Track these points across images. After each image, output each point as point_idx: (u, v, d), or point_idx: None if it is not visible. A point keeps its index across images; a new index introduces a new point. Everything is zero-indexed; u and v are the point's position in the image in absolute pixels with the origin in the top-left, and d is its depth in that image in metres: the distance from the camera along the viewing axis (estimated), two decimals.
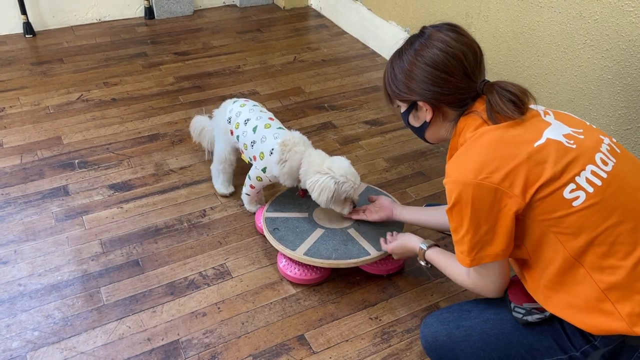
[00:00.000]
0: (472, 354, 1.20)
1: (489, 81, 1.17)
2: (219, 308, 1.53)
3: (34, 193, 1.92)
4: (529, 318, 1.14)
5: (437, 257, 1.33)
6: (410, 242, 1.43)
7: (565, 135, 1.08)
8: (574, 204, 1.02)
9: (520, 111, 1.10)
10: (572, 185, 1.03)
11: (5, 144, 2.18)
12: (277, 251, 1.65)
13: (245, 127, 1.71)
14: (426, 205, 1.83)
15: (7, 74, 2.67)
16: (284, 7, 3.56)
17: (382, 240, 1.55)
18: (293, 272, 1.59)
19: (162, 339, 1.44)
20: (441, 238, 1.75)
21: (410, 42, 1.23)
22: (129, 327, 1.47)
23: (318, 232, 1.63)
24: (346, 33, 3.24)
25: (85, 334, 1.44)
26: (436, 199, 1.94)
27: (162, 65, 2.81)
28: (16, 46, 2.95)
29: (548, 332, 1.14)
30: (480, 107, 1.16)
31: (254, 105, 1.80)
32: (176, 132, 2.28)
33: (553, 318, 1.13)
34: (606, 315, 1.02)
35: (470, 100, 1.18)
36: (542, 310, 1.13)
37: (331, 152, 2.18)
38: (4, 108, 2.41)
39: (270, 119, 1.74)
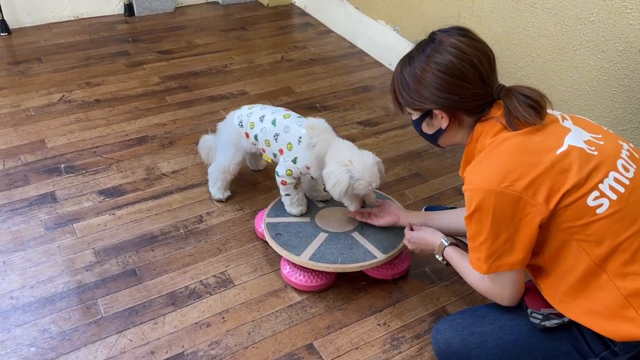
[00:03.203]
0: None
1: (505, 86, 1.16)
2: (223, 318, 1.49)
3: (19, 200, 1.84)
4: (547, 323, 1.14)
5: (456, 256, 1.32)
6: (433, 236, 1.41)
7: (586, 142, 1.08)
8: (598, 211, 1.02)
9: (539, 116, 1.09)
10: (595, 193, 1.02)
11: None
12: (280, 257, 1.62)
13: (262, 124, 1.64)
14: (425, 208, 1.83)
15: None
16: (267, 5, 3.51)
17: (407, 226, 1.51)
18: (298, 278, 1.55)
19: (166, 352, 1.39)
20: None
21: (420, 48, 1.20)
22: (131, 341, 1.41)
23: (322, 237, 1.60)
24: (332, 32, 3.21)
25: (84, 349, 1.38)
26: (434, 200, 1.93)
27: (145, 65, 2.73)
28: None
29: (566, 338, 1.14)
30: (497, 112, 1.15)
31: (262, 106, 1.74)
32: (165, 135, 2.21)
33: (571, 324, 1.13)
34: (629, 322, 1.02)
35: (487, 105, 1.17)
36: (560, 315, 1.13)
37: None
38: None
39: (286, 110, 1.68)
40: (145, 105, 2.40)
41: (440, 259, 1.38)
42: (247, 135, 1.70)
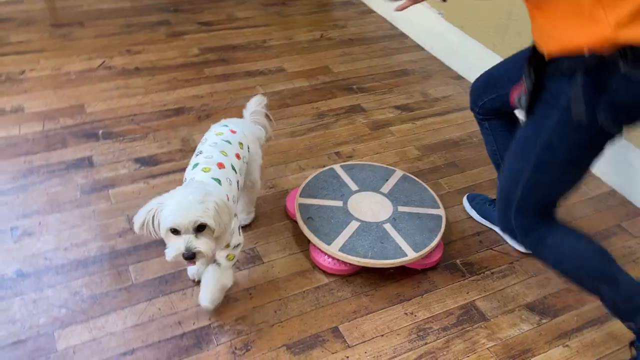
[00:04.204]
0: (508, 166, 1.23)
1: None
2: (250, 294, 1.49)
3: (57, 162, 1.86)
4: (523, 100, 1.16)
5: None
6: None
7: None
8: None
9: None
10: None
11: (27, 109, 2.11)
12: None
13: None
14: (467, 197, 1.81)
15: (26, 35, 2.58)
16: None
17: None
18: (327, 261, 1.55)
19: (193, 323, 1.40)
20: None
21: None
22: (159, 309, 1.43)
23: (353, 225, 1.58)
24: (373, 12, 3.15)
25: (114, 314, 1.41)
26: (470, 191, 1.89)
27: (185, 35, 2.73)
28: (34, 6, 2.85)
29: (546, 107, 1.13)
30: None
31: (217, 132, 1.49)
32: (202, 107, 2.21)
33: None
34: (594, 23, 0.98)
35: None
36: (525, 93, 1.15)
37: (361, 137, 2.13)
38: (24, 71, 2.33)
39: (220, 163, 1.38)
40: (184, 76, 2.40)
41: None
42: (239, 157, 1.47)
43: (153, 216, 1.19)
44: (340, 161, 1.98)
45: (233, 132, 1.49)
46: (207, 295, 1.36)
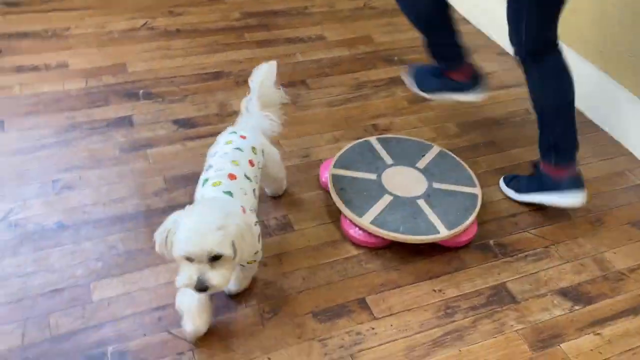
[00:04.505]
0: None
1: None
2: (280, 260, 1.51)
3: (99, 120, 1.90)
4: None
5: None
6: None
7: None
8: None
9: None
10: None
11: (71, 65, 2.15)
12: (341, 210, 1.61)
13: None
14: (503, 178, 1.77)
15: None
16: None
17: None
18: (357, 233, 1.54)
19: None
20: None
21: None
22: None
23: (386, 199, 1.57)
24: None
25: (148, 270, 1.44)
26: (509, 172, 1.84)
27: None
28: None
29: None
30: None
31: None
32: (240, 72, 2.21)
33: None
34: None
35: None
36: None
37: (399, 111, 2.10)
38: (69, 27, 2.37)
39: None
40: (224, 40, 2.40)
41: None
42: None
43: (167, 237, 1.10)
44: (377, 134, 1.96)
45: (243, 137, 1.40)
46: (232, 283, 1.35)
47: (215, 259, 1.07)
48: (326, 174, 1.68)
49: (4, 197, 1.60)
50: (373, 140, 1.79)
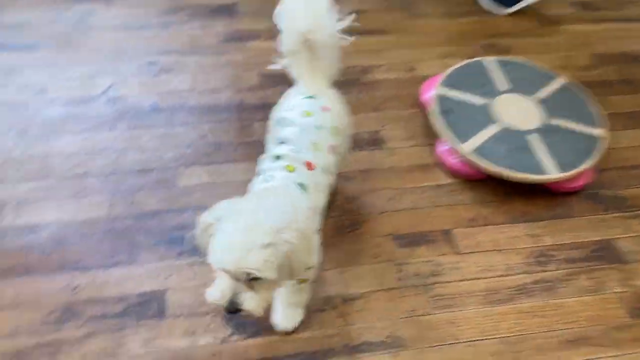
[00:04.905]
0: None
1: None
2: (366, 176, 1.43)
3: (203, 5, 1.85)
4: None
5: None
6: None
7: None
8: None
9: None
10: None
11: None
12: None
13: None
14: None
15: None
16: None
17: None
18: (454, 160, 1.42)
19: None
20: None
21: None
22: None
23: (493, 128, 1.41)
24: None
25: (233, 165, 1.43)
26: (638, 117, 1.59)
27: None
28: None
29: None
30: None
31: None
32: None
33: None
34: None
35: None
36: None
37: (523, 31, 1.85)
38: None
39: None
40: None
41: None
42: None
43: (206, 233, 0.90)
44: (494, 54, 1.75)
45: (326, 109, 1.11)
46: (278, 318, 1.12)
47: (255, 279, 0.87)
48: (429, 92, 1.53)
49: (105, 72, 1.62)
50: (489, 60, 1.60)
